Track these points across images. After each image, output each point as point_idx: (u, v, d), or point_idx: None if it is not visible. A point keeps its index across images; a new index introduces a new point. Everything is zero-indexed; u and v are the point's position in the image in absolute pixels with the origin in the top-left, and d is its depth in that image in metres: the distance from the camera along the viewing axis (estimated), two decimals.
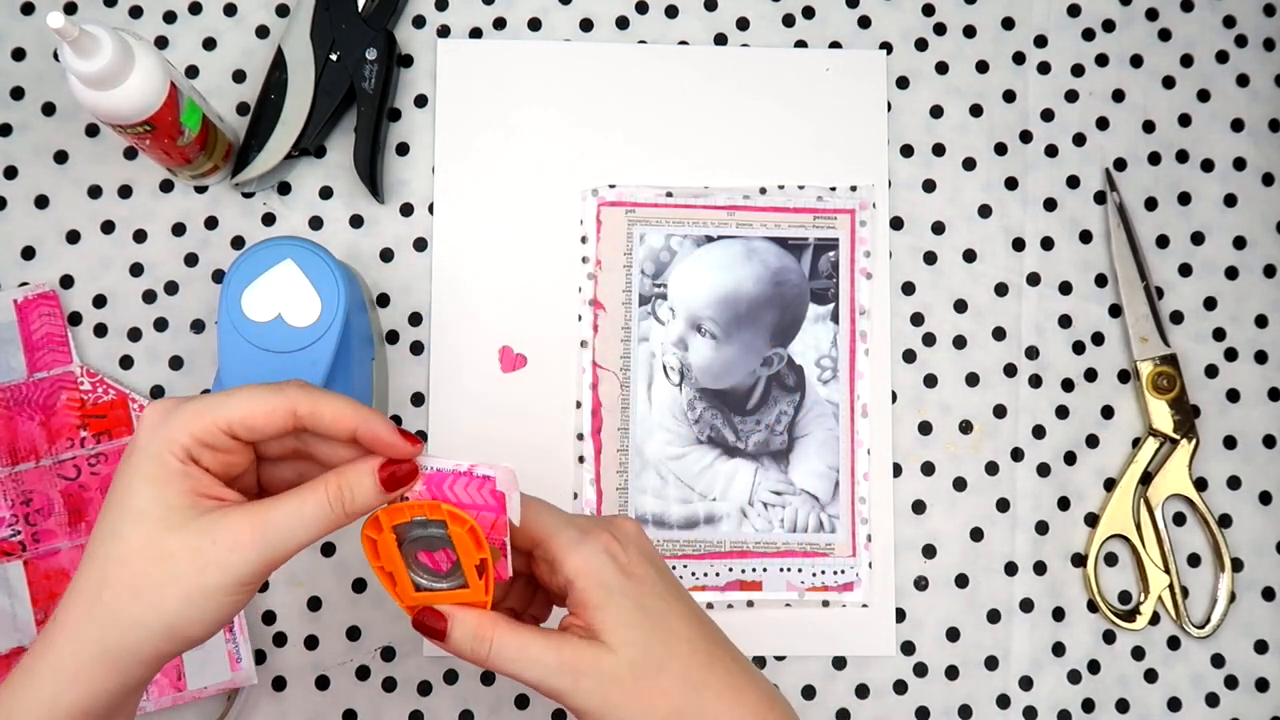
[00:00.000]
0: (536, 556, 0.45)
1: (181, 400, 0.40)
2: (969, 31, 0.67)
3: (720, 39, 0.66)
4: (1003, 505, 0.64)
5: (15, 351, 0.61)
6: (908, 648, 0.63)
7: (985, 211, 0.66)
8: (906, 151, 0.66)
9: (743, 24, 0.67)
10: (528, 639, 0.42)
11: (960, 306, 0.65)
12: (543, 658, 0.42)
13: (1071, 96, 0.67)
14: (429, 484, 0.42)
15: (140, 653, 0.39)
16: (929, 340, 0.65)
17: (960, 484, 0.64)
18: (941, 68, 0.67)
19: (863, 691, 0.62)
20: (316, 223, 0.64)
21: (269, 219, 0.64)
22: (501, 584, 0.45)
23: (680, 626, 0.44)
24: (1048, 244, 0.66)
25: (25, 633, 0.60)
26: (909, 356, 0.65)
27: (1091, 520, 0.64)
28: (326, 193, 0.65)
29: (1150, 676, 0.63)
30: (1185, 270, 0.66)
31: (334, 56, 0.63)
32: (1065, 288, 0.66)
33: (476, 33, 0.66)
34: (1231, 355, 0.66)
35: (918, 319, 0.65)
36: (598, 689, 0.42)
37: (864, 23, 0.67)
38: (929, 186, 0.66)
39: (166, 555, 0.38)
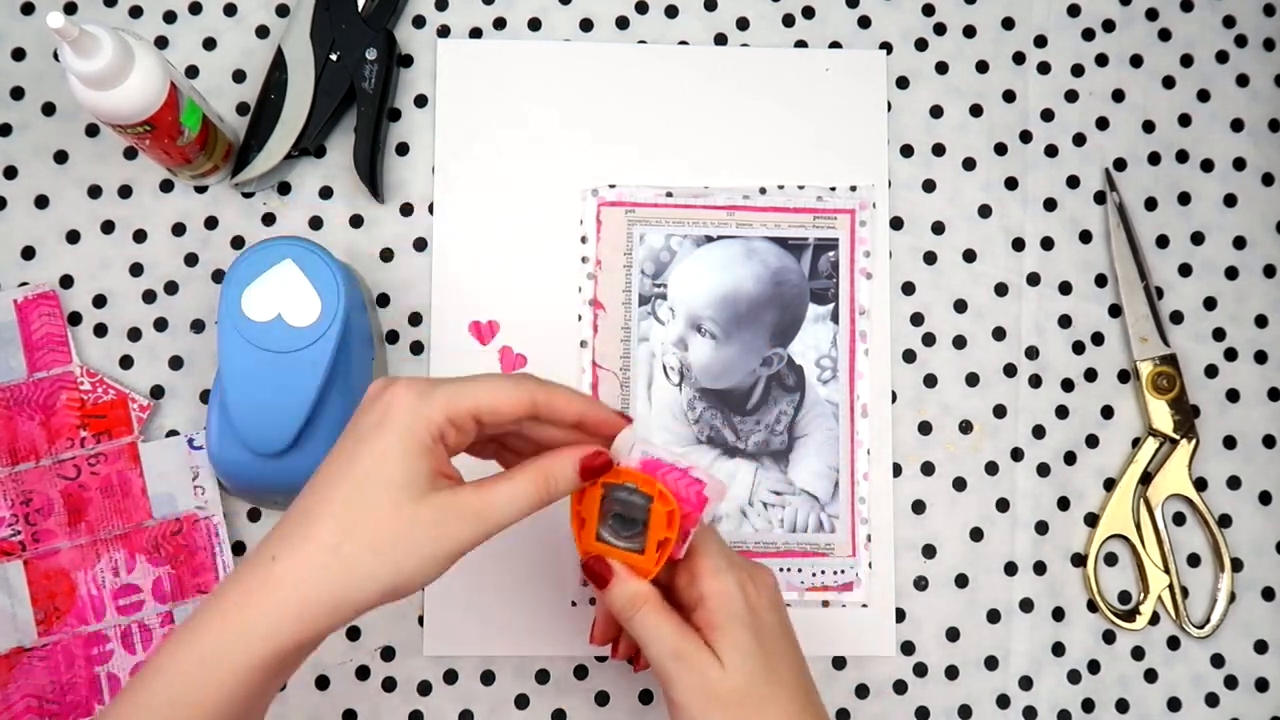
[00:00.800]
0: (681, 564, 0.49)
1: (435, 382, 0.44)
2: (969, 31, 0.67)
3: (720, 39, 0.66)
4: (1003, 505, 0.64)
5: (15, 351, 0.61)
6: (908, 648, 0.63)
7: (985, 211, 0.66)
8: (906, 151, 0.66)
9: (743, 24, 0.67)
10: (667, 620, 0.47)
11: (960, 306, 0.65)
12: (670, 641, 0.46)
13: (1071, 96, 0.67)
14: (645, 465, 0.47)
15: (360, 603, 0.43)
16: (929, 340, 0.65)
17: (960, 484, 0.64)
18: (941, 68, 0.67)
19: (863, 691, 0.62)
20: (316, 223, 0.64)
21: (269, 219, 0.64)
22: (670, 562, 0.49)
23: (787, 674, 0.48)
24: (1048, 244, 0.66)
25: (25, 633, 0.60)
26: (909, 356, 0.65)
27: (1091, 520, 0.64)
28: (326, 193, 0.65)
29: (1150, 676, 0.63)
30: (1185, 270, 0.66)
31: (334, 56, 0.63)
32: (1065, 288, 0.66)
33: (476, 33, 0.66)
34: (1231, 355, 0.66)
35: (918, 319, 0.65)
36: (699, 691, 0.46)
37: (864, 23, 0.67)
38: (929, 186, 0.66)
39: (411, 521, 0.42)
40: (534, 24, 0.66)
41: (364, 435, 0.43)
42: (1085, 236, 0.66)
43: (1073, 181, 0.66)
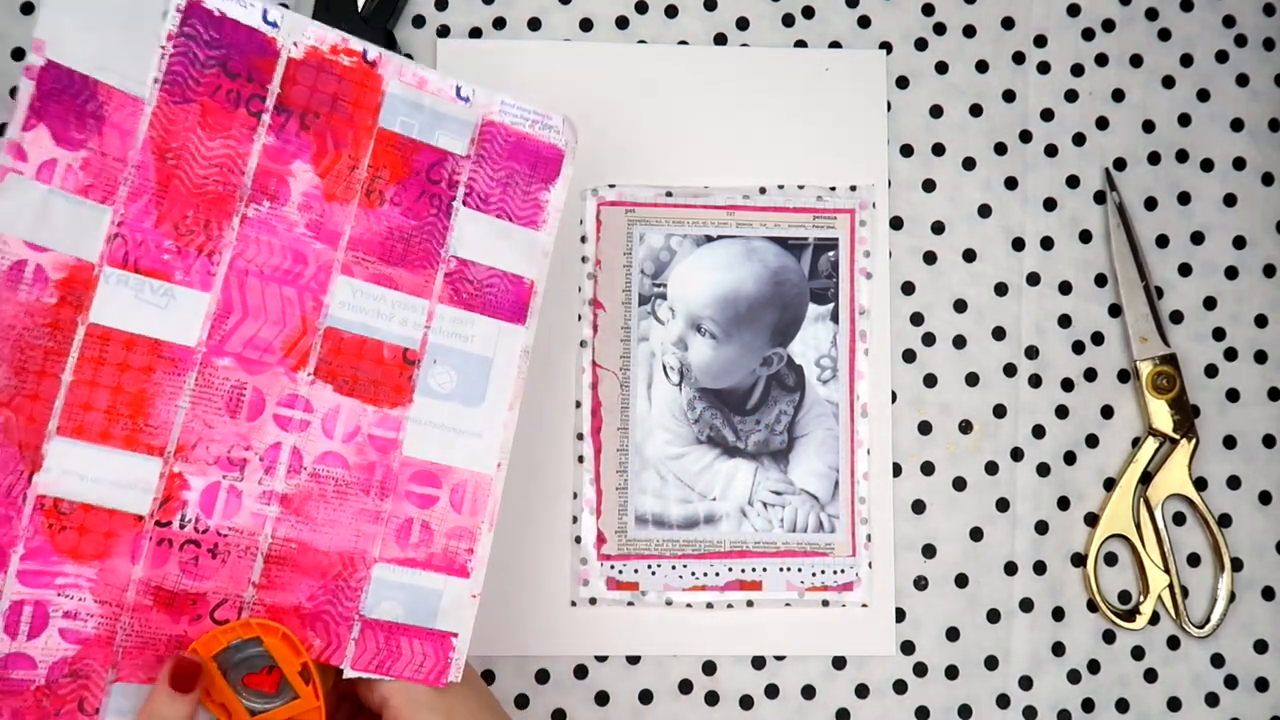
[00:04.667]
0: (357, 682, 0.49)
1: None
2: (969, 31, 0.67)
3: (720, 39, 0.66)
4: (1002, 505, 0.64)
5: None
6: (907, 647, 0.63)
7: (985, 211, 0.66)
8: (906, 151, 0.66)
9: (742, 24, 0.67)
10: None
11: (960, 306, 0.65)
12: None
13: (1071, 96, 0.67)
14: None
15: None
16: (929, 340, 0.65)
17: (960, 484, 0.64)
18: (941, 67, 0.67)
19: (863, 691, 0.62)
20: None
21: None
22: (332, 684, 0.48)
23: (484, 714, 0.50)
24: (1047, 244, 0.66)
25: None
26: (909, 356, 0.65)
27: (1091, 520, 0.64)
28: None
29: (1150, 676, 0.63)
30: (1185, 270, 0.66)
31: None
32: (1065, 287, 0.66)
33: (476, 32, 0.66)
34: (1231, 355, 0.66)
35: (917, 319, 0.65)
36: None
37: (864, 22, 0.67)
38: (929, 186, 0.66)
39: None
40: (534, 24, 0.66)
41: None
42: (1085, 236, 0.66)
43: (1073, 181, 0.66)
